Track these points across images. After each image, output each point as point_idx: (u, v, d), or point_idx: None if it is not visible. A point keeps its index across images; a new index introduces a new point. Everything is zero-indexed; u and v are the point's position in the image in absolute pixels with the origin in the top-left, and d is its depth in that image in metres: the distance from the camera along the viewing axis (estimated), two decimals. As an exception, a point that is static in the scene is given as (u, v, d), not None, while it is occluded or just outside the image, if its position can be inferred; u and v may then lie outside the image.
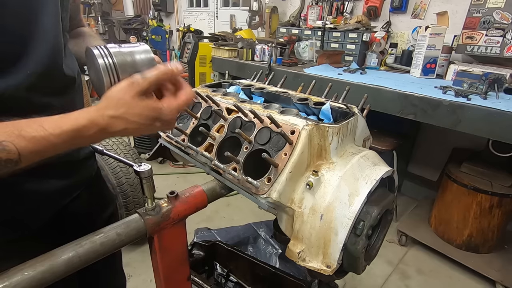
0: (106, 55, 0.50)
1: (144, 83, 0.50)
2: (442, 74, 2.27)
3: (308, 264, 0.66)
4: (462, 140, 2.44)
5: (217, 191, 0.76)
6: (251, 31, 3.62)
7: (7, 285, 0.44)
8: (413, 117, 1.74)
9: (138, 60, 0.53)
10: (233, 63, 2.87)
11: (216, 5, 4.73)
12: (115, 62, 0.50)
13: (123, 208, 1.87)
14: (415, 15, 2.61)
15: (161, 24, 5.39)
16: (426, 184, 2.79)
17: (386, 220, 0.74)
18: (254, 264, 1.34)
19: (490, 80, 1.71)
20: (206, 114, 0.83)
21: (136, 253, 2.04)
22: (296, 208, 0.66)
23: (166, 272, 0.69)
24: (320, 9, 3.09)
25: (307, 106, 0.83)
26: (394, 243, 2.30)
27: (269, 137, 0.69)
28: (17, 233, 0.65)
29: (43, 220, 0.69)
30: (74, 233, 0.61)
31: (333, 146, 0.70)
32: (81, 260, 0.52)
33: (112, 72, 0.50)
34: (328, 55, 2.54)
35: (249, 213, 2.51)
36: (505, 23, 1.95)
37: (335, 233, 0.63)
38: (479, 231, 2.01)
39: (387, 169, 0.70)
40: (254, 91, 0.96)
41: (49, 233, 0.70)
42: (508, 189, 1.89)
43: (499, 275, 1.87)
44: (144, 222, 0.60)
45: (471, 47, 2.12)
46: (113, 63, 0.50)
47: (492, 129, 1.49)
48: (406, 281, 1.98)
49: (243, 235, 1.55)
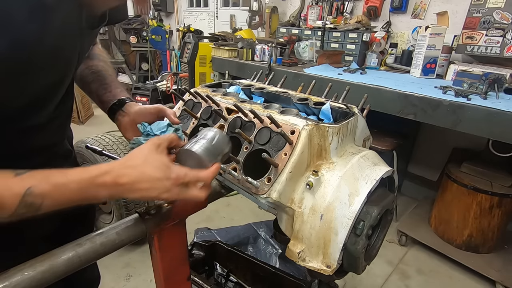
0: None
1: (160, 140, 0.56)
2: (442, 74, 2.27)
3: (308, 264, 0.66)
4: (462, 140, 2.44)
5: (217, 191, 0.76)
6: (251, 31, 3.62)
7: (7, 285, 0.44)
8: (413, 117, 1.74)
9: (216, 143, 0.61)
10: (233, 63, 2.87)
11: (216, 5, 4.73)
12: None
13: (123, 208, 1.87)
14: (415, 15, 2.61)
15: (161, 24, 5.39)
16: (426, 184, 2.79)
17: (386, 220, 0.74)
18: (254, 264, 1.34)
19: (490, 80, 1.71)
20: (206, 114, 0.83)
21: (136, 253, 2.04)
22: (296, 208, 0.66)
23: (166, 272, 0.69)
24: (320, 9, 3.09)
25: (307, 106, 0.83)
26: (394, 243, 2.30)
27: (269, 137, 0.69)
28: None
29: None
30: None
31: (333, 146, 0.70)
32: (81, 260, 0.52)
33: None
34: (328, 55, 2.54)
35: (249, 213, 2.51)
36: (505, 23, 1.95)
37: (335, 233, 0.63)
38: (479, 231, 2.01)
39: (387, 169, 0.70)
40: (254, 91, 0.96)
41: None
42: (508, 189, 1.89)
43: (499, 275, 1.87)
44: (144, 222, 0.60)
45: (471, 47, 2.12)
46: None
47: (492, 129, 1.48)
48: (406, 281, 1.98)
49: (243, 235, 1.55)
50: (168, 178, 0.52)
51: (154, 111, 0.75)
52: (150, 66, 5.76)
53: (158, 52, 5.73)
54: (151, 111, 0.75)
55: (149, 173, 0.52)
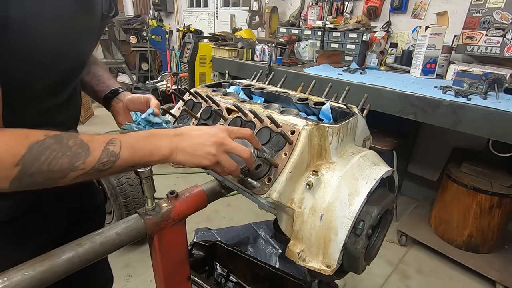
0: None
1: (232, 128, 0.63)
2: (442, 74, 2.27)
3: (308, 264, 0.66)
4: (462, 140, 2.44)
5: (217, 191, 0.76)
6: (251, 31, 3.62)
7: (7, 285, 0.44)
8: (413, 117, 1.74)
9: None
10: (233, 63, 2.87)
11: (216, 5, 4.73)
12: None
13: (123, 208, 1.87)
14: (415, 15, 2.61)
15: (161, 24, 5.39)
16: (426, 184, 2.79)
17: (386, 220, 0.74)
18: (254, 264, 1.34)
19: (490, 80, 1.71)
20: (206, 114, 0.83)
21: (136, 253, 2.04)
22: (296, 208, 0.66)
23: (166, 272, 0.69)
24: (320, 9, 3.09)
25: (307, 106, 0.83)
26: (394, 243, 2.30)
27: (269, 137, 0.69)
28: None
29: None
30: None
31: (333, 146, 0.70)
32: (81, 260, 0.52)
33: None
34: (328, 55, 2.54)
35: (249, 213, 2.51)
36: (505, 23, 1.95)
37: (335, 233, 0.63)
38: (479, 231, 2.01)
39: (387, 169, 0.70)
40: (254, 91, 0.96)
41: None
42: (508, 189, 1.89)
43: (499, 275, 1.87)
44: (144, 222, 0.60)
45: (471, 47, 2.12)
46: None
47: (492, 129, 1.48)
48: (406, 281, 1.98)
49: (243, 235, 1.54)
50: (221, 129, 0.60)
51: (143, 101, 0.84)
52: (150, 66, 5.76)
53: (158, 52, 5.72)
54: (141, 100, 0.84)
55: (205, 128, 0.60)
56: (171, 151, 0.57)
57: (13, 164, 0.43)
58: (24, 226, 0.69)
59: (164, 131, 0.59)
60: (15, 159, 0.44)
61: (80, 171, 0.49)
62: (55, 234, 0.75)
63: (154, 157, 0.56)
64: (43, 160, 0.45)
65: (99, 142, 0.51)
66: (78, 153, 0.48)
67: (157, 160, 0.56)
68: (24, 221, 0.69)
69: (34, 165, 0.45)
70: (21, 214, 0.67)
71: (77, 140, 0.49)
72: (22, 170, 0.44)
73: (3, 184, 0.44)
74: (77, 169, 0.48)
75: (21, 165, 0.44)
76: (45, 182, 0.47)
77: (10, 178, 0.44)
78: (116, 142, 0.52)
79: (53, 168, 0.46)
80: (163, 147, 0.56)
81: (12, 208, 0.65)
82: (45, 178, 0.46)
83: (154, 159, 0.56)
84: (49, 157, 0.46)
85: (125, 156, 0.53)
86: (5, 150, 0.43)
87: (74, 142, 0.49)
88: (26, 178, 0.45)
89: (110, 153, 0.51)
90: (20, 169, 0.44)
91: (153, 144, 0.56)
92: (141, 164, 0.56)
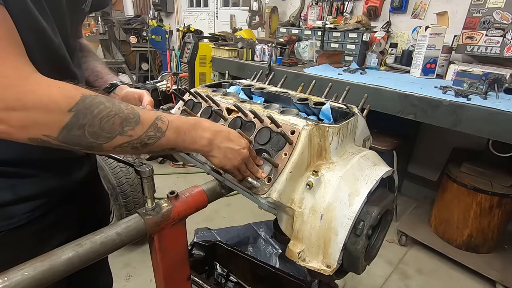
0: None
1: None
2: (442, 74, 2.27)
3: (308, 264, 0.66)
4: (462, 140, 2.44)
5: (217, 191, 0.76)
6: (251, 31, 3.62)
7: (7, 285, 0.44)
8: (413, 117, 1.74)
9: None
10: (233, 63, 2.87)
11: (216, 5, 4.73)
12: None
13: (123, 208, 1.87)
14: (415, 15, 2.61)
15: (161, 24, 5.39)
16: (426, 184, 2.78)
17: (386, 220, 0.74)
18: (254, 264, 1.34)
19: (490, 80, 1.71)
20: (206, 114, 0.84)
21: (136, 253, 2.04)
22: (296, 208, 0.66)
23: (166, 272, 0.69)
24: (320, 9, 3.09)
25: (307, 106, 0.83)
26: (394, 243, 2.30)
27: (269, 137, 0.69)
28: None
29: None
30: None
31: (333, 146, 0.70)
32: (81, 260, 0.52)
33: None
34: (328, 55, 2.54)
35: (249, 213, 2.51)
36: (505, 23, 1.95)
37: (335, 233, 0.63)
38: (479, 231, 2.00)
39: (387, 169, 0.70)
40: (254, 91, 0.96)
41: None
42: (508, 189, 1.89)
43: (499, 275, 1.87)
44: (144, 222, 0.60)
45: (471, 47, 2.12)
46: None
47: (492, 129, 1.48)
48: (406, 281, 1.98)
49: (243, 235, 1.54)
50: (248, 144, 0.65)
51: (137, 96, 0.86)
52: (150, 66, 5.75)
53: (158, 52, 5.72)
54: (135, 96, 0.86)
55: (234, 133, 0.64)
56: (210, 146, 0.59)
57: (67, 108, 0.42)
58: (46, 228, 0.68)
59: (208, 123, 0.61)
60: (70, 104, 0.42)
61: (127, 137, 0.48)
62: (66, 238, 0.74)
63: (195, 145, 0.57)
64: (96, 114, 0.44)
65: (150, 114, 0.51)
66: (130, 117, 0.48)
67: (196, 149, 0.58)
68: (45, 223, 0.68)
69: (86, 115, 0.43)
70: (37, 216, 0.65)
71: (128, 105, 0.49)
72: (75, 117, 0.42)
73: (53, 130, 0.42)
74: (125, 134, 0.47)
75: (74, 111, 0.42)
76: (91, 142, 0.45)
77: (61, 124, 0.42)
78: (164, 120, 0.52)
79: (104, 125, 0.45)
80: (205, 139, 0.58)
81: (33, 210, 0.64)
82: (93, 135, 0.44)
83: (193, 147, 0.57)
84: (102, 112, 0.44)
85: (170, 136, 0.53)
86: (60, 92, 0.41)
87: (126, 106, 0.48)
88: (76, 129, 0.43)
89: (157, 129, 0.51)
90: (73, 115, 0.42)
91: (198, 133, 0.57)
92: (179, 149, 0.56)
